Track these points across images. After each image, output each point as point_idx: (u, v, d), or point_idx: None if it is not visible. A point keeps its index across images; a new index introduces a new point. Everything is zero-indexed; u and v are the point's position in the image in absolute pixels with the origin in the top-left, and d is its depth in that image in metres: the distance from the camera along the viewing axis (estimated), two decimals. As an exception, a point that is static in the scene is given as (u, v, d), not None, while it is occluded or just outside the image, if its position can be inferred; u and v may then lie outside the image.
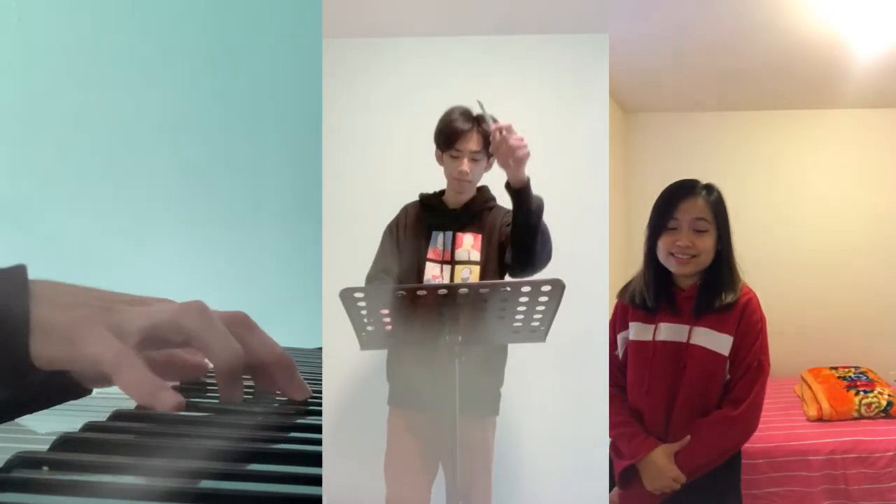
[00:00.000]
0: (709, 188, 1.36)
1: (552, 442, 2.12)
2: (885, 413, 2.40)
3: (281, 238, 2.42)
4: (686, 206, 1.33)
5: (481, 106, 1.47)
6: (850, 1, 2.03)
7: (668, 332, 1.35)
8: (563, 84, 2.23)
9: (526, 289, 1.25)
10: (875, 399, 2.42)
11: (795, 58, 2.36)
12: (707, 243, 1.33)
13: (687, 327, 1.34)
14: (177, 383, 0.87)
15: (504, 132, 1.38)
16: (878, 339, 2.91)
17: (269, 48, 2.40)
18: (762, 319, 1.34)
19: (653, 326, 1.37)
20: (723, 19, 2.14)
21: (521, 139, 1.39)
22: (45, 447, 0.59)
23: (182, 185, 2.46)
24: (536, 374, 1.99)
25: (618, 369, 1.44)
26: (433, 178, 1.61)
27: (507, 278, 1.55)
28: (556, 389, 2.12)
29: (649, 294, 1.37)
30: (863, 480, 2.18)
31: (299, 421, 0.76)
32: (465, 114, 1.57)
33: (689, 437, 1.32)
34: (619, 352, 1.44)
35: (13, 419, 0.69)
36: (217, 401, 0.78)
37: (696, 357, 1.33)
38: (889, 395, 2.44)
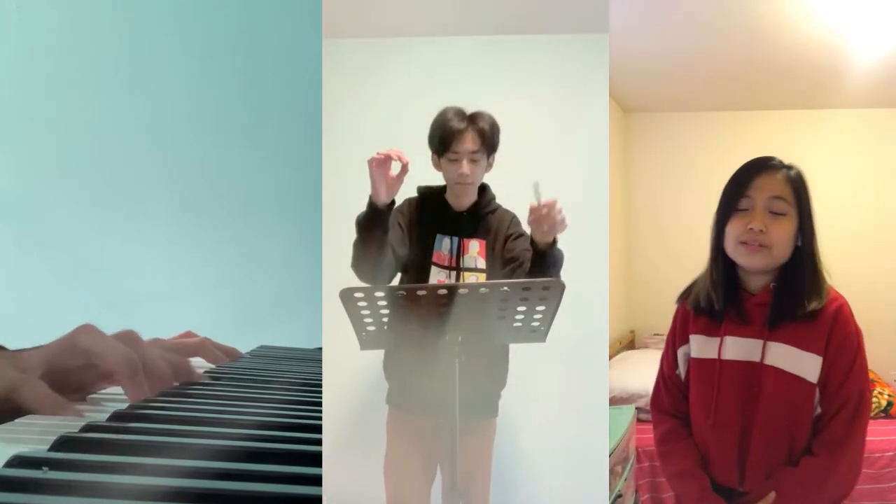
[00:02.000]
0: (789, 167, 1.13)
1: (551, 443, 2.12)
2: (885, 413, 2.40)
3: (281, 238, 2.42)
4: (762, 182, 1.09)
5: (536, 188, 1.34)
6: (851, 2, 2.03)
7: (736, 348, 1.09)
8: (563, 84, 2.23)
9: (526, 289, 1.25)
10: (875, 399, 2.42)
11: (795, 58, 2.36)
12: (785, 231, 1.08)
13: (760, 342, 1.07)
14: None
15: (548, 210, 1.31)
16: (878, 339, 2.91)
17: (269, 48, 2.40)
18: (858, 333, 1.08)
19: (718, 340, 1.10)
20: (722, 20, 2.14)
21: (561, 211, 1.33)
22: (45, 447, 0.59)
23: (182, 186, 2.46)
24: (536, 375, 1.99)
25: (680, 393, 1.17)
26: (433, 178, 1.60)
27: None
28: (555, 390, 2.12)
29: (717, 295, 1.10)
30: (863, 480, 2.18)
31: (299, 421, 0.76)
32: (459, 113, 1.53)
33: (772, 494, 1.05)
34: (681, 371, 1.17)
35: None
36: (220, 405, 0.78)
37: (773, 383, 1.06)
38: (889, 395, 2.44)
